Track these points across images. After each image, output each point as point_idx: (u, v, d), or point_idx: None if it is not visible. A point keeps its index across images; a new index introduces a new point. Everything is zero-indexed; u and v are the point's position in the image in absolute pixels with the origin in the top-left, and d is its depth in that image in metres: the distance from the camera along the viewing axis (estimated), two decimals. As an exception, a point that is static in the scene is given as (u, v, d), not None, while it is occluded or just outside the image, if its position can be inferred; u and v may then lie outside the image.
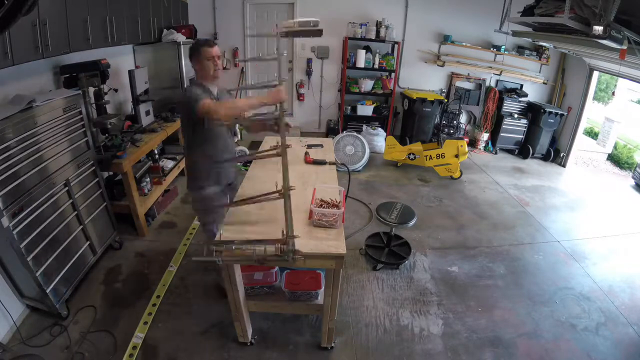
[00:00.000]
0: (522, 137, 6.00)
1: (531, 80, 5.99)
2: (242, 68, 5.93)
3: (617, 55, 3.28)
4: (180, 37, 4.25)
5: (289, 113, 6.37)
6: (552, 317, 2.64)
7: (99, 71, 2.96)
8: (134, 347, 2.22)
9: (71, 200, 2.52)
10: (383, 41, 5.54)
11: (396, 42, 5.58)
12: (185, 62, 4.26)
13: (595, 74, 5.36)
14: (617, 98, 7.47)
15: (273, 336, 2.35)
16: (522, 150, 6.02)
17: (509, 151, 6.16)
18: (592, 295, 2.88)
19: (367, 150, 5.02)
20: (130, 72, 3.52)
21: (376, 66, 5.66)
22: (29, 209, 2.13)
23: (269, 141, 3.15)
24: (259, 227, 1.89)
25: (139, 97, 3.56)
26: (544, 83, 6.04)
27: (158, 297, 2.63)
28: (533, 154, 5.91)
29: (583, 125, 5.75)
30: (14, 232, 2.03)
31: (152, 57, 4.23)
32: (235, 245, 1.71)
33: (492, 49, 5.77)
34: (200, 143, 2.15)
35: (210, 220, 2.29)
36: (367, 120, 5.96)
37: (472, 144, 6.21)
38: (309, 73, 5.97)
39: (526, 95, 5.95)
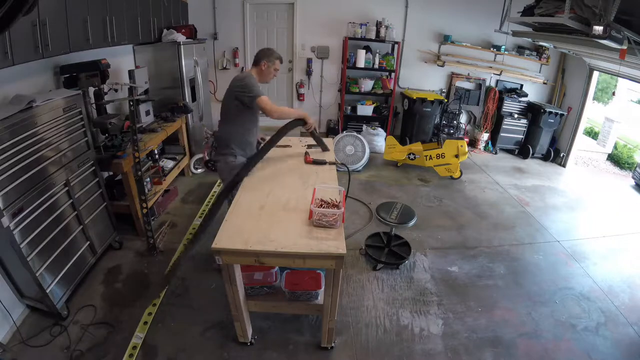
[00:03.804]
0: (522, 137, 6.00)
1: (531, 80, 5.99)
2: (242, 68, 5.93)
3: (617, 55, 3.28)
4: (180, 37, 4.26)
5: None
6: (552, 317, 2.64)
7: (99, 71, 2.96)
8: (134, 347, 2.21)
9: (71, 200, 2.52)
10: (383, 41, 5.55)
11: (396, 42, 5.58)
12: (185, 62, 4.27)
13: (595, 74, 5.36)
14: (617, 98, 7.47)
15: (273, 336, 2.34)
16: (522, 150, 6.02)
17: (509, 151, 6.16)
18: (592, 295, 2.88)
19: (367, 150, 5.02)
20: (130, 72, 3.53)
21: (376, 66, 5.66)
22: (29, 209, 2.13)
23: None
24: (259, 228, 1.88)
25: (139, 97, 3.56)
26: (544, 83, 6.04)
27: (158, 297, 2.63)
28: (533, 154, 5.91)
29: (583, 125, 5.75)
30: (14, 232, 2.03)
31: (152, 57, 4.23)
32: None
33: (492, 49, 5.77)
34: (243, 120, 2.56)
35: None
36: (367, 120, 5.96)
37: (472, 144, 6.21)
38: (309, 73, 5.97)
39: (526, 95, 5.95)
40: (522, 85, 6.05)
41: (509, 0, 4.58)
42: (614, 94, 7.46)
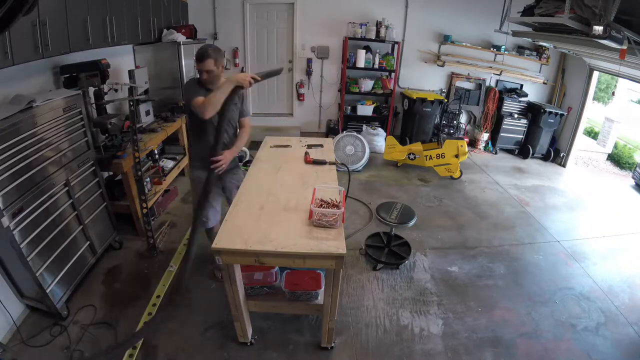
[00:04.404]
0: (522, 137, 6.00)
1: (531, 80, 5.99)
2: (242, 68, 5.93)
3: (617, 55, 3.28)
4: (180, 37, 4.26)
5: (288, 113, 6.38)
6: (552, 317, 2.64)
7: (99, 71, 2.96)
8: (134, 347, 2.21)
9: (71, 200, 2.52)
10: (383, 41, 5.54)
11: (396, 42, 5.58)
12: (185, 62, 4.27)
13: (595, 74, 5.36)
14: (617, 98, 7.47)
15: (273, 336, 2.34)
16: (522, 150, 6.02)
17: (509, 151, 6.16)
18: (592, 295, 2.88)
19: (367, 150, 5.02)
20: (130, 72, 3.52)
21: (376, 66, 5.66)
22: (29, 209, 2.13)
23: (269, 141, 3.16)
24: (259, 228, 1.88)
25: (139, 97, 3.56)
26: (544, 83, 6.04)
27: (158, 297, 2.63)
28: (533, 154, 5.91)
29: (583, 125, 5.75)
30: (14, 232, 2.03)
31: (152, 57, 4.23)
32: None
33: (492, 49, 5.77)
34: (192, 128, 2.42)
35: (201, 206, 2.19)
36: (367, 120, 5.96)
37: (472, 144, 6.21)
38: (309, 73, 5.97)
39: (526, 95, 5.95)
40: (522, 85, 6.05)
41: (509, 0, 4.58)
42: (613, 94, 7.46)
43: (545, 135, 5.79)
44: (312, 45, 5.83)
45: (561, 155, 5.83)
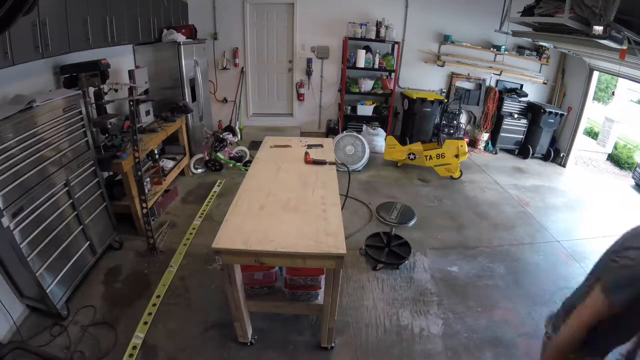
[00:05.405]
0: (522, 137, 6.00)
1: (531, 80, 5.99)
2: (242, 68, 5.93)
3: (617, 55, 3.28)
4: (180, 37, 4.26)
5: (289, 113, 6.38)
6: (552, 317, 2.64)
7: (99, 71, 2.97)
8: (134, 347, 2.21)
9: (71, 200, 2.52)
10: (383, 41, 5.54)
11: (396, 42, 5.58)
12: (185, 62, 4.27)
13: (595, 74, 5.36)
14: (617, 98, 7.47)
15: (273, 336, 2.34)
16: (522, 150, 6.02)
17: (509, 151, 6.16)
18: (592, 295, 2.87)
19: (367, 150, 5.02)
20: (130, 72, 3.53)
21: (376, 66, 5.66)
22: (29, 209, 2.13)
23: (269, 141, 3.16)
24: (259, 228, 1.88)
25: (139, 97, 3.56)
26: (544, 83, 6.04)
27: (158, 297, 2.63)
28: (533, 154, 5.91)
29: (583, 125, 5.75)
30: (14, 232, 2.03)
31: (152, 57, 4.23)
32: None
33: (492, 49, 5.77)
34: None
35: None
36: (367, 120, 5.96)
37: (472, 144, 6.21)
38: (309, 73, 5.97)
39: (526, 95, 5.95)
40: (522, 85, 6.05)
41: (509, 0, 4.58)
42: (613, 93, 7.47)
43: (545, 135, 5.79)
44: (312, 45, 5.83)
45: (561, 155, 5.83)
